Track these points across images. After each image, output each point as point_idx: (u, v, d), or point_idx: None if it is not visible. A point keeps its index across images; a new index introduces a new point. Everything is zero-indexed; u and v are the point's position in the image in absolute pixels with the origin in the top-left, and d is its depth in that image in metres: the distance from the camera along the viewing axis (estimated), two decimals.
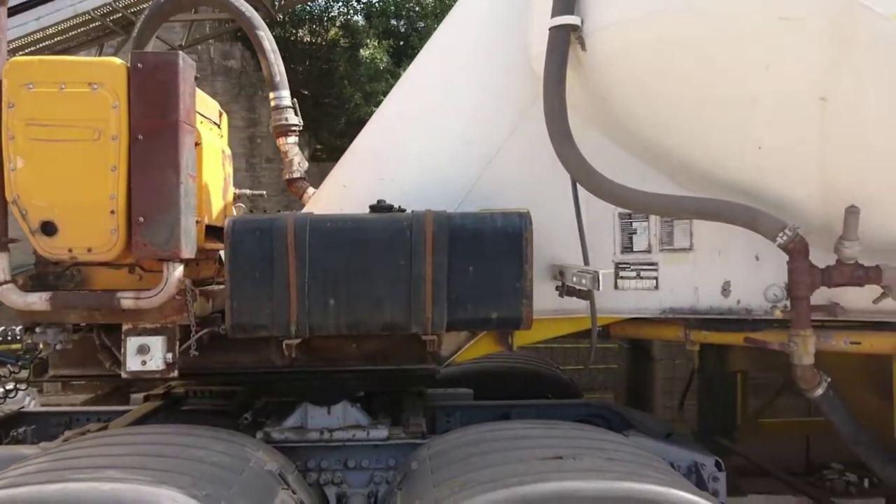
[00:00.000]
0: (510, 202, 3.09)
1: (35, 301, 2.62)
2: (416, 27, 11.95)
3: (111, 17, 8.63)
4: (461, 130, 3.16)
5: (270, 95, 3.60)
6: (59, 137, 2.50)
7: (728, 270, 3.01)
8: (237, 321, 2.69)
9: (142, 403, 3.68)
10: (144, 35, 3.65)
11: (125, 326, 2.68)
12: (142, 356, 2.65)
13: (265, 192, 4.18)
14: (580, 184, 2.82)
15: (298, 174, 3.56)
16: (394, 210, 2.87)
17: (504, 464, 2.37)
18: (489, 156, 3.14)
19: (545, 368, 4.45)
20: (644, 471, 2.32)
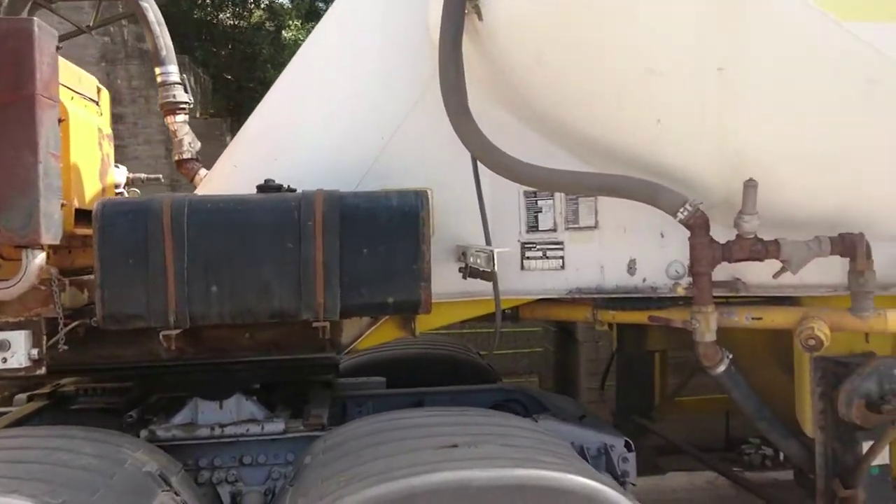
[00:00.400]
0: (413, 180, 2.96)
1: None
2: None
3: None
4: (359, 106, 2.99)
5: (157, 71, 3.37)
6: None
7: (634, 248, 2.95)
8: (109, 311, 2.48)
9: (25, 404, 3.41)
10: (16, 4, 3.35)
11: None
12: (1, 353, 2.41)
13: (161, 176, 3.92)
14: (479, 160, 2.70)
15: (189, 155, 3.34)
16: (283, 190, 2.69)
17: (396, 454, 2.24)
18: (389, 132, 2.98)
19: (462, 354, 4.36)
20: (542, 456, 2.23)
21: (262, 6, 12.66)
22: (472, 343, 5.90)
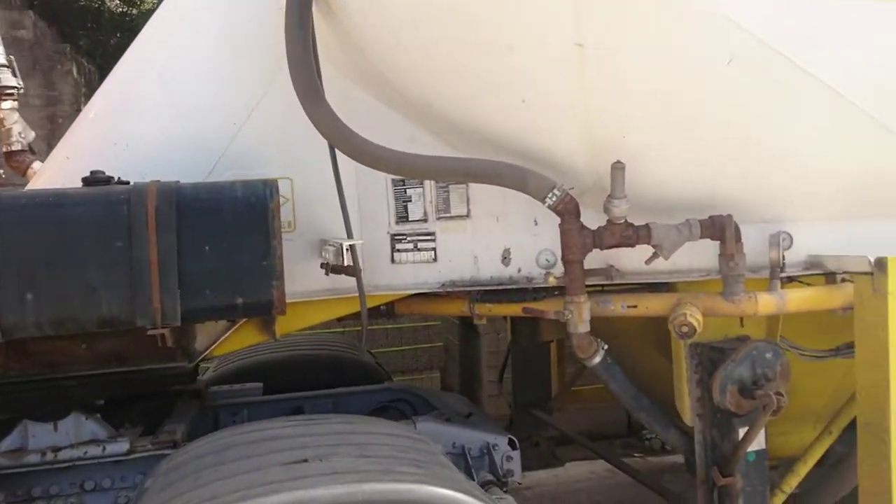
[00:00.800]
0: (272, 169, 2.71)
1: None
2: None
3: None
4: (208, 87, 2.73)
5: None
6: None
7: (508, 237, 2.80)
8: None
9: None
10: None
11: None
12: None
13: (1, 171, 3.52)
14: (333, 145, 2.49)
15: (19, 146, 2.99)
16: (112, 182, 2.40)
17: (238, 474, 2.01)
18: (242, 116, 2.72)
19: (347, 353, 4.14)
20: (399, 467, 2.05)
21: None
22: (369, 341, 5.70)
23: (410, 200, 2.82)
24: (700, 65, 2.28)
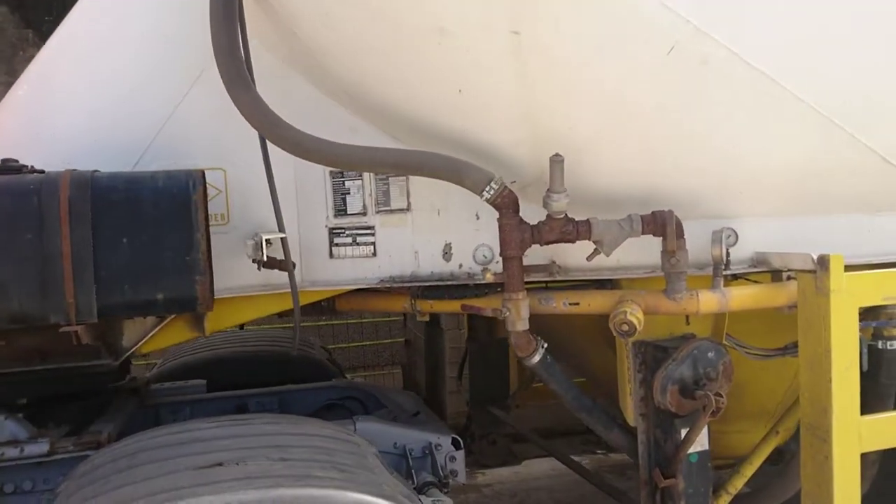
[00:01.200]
0: (203, 160, 2.61)
1: None
2: None
3: None
4: (135, 73, 2.60)
5: None
6: None
7: (449, 232, 2.71)
8: None
9: None
10: None
11: None
12: None
13: None
14: (261, 134, 2.39)
15: None
16: (25, 171, 2.29)
17: (147, 478, 1.92)
18: (171, 105, 2.61)
19: (297, 349, 4.03)
20: (317, 471, 1.96)
21: None
22: (330, 336, 5.61)
23: (349, 193, 2.72)
24: (639, 55, 2.20)
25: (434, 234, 2.71)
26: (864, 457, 2.86)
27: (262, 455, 2.03)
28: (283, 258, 2.45)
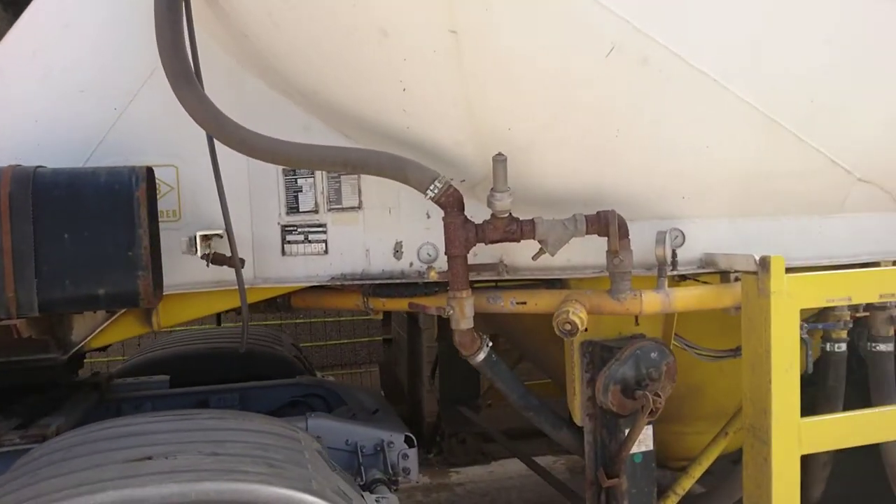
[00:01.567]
0: (155, 156, 2.63)
1: None
2: None
3: None
4: (87, 69, 2.61)
5: None
6: None
7: (400, 230, 2.72)
8: None
9: None
10: None
11: None
12: None
13: None
14: (207, 131, 2.40)
15: None
16: None
17: (74, 471, 1.93)
18: (124, 101, 2.62)
19: (261, 346, 4.06)
20: (247, 466, 1.97)
21: None
22: (306, 334, 5.62)
23: (301, 191, 2.73)
24: (578, 54, 2.20)
25: (385, 233, 2.72)
26: (815, 458, 2.87)
27: (195, 449, 2.03)
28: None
